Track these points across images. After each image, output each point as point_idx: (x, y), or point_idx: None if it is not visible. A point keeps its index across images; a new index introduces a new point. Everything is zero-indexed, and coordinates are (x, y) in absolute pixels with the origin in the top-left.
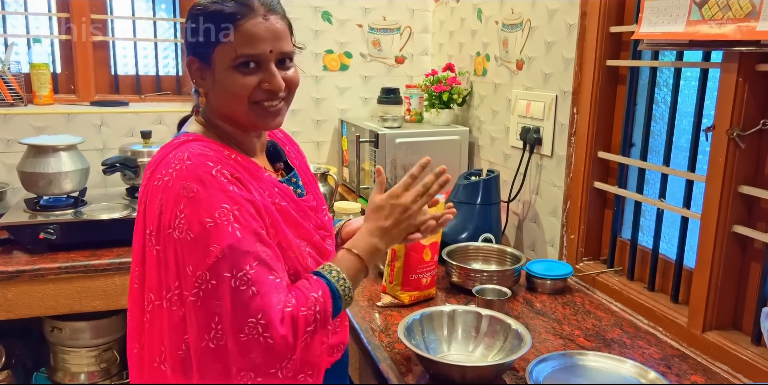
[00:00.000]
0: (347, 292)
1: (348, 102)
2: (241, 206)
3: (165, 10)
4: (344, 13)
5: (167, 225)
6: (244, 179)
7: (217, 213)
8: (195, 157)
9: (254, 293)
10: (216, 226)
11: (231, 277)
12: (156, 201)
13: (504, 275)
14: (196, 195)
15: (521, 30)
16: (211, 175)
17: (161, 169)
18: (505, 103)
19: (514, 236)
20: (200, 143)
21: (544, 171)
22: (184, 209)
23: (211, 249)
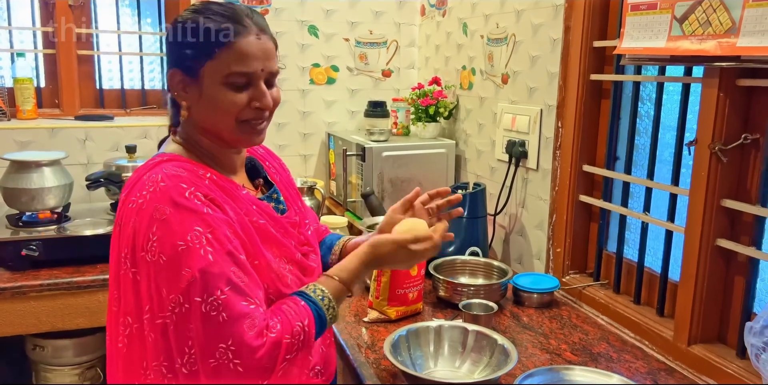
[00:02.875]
0: (333, 319)
1: (335, 115)
2: (215, 229)
3: (150, 23)
4: (331, 27)
5: (140, 248)
6: (219, 200)
7: (189, 236)
8: (168, 179)
9: (224, 318)
10: (188, 249)
11: (201, 302)
12: (130, 223)
13: (491, 289)
14: (168, 218)
15: (506, 44)
16: (184, 197)
17: (135, 192)
18: (491, 117)
19: (501, 250)
20: (174, 163)
21: (530, 184)
22: (156, 232)
23: (183, 273)
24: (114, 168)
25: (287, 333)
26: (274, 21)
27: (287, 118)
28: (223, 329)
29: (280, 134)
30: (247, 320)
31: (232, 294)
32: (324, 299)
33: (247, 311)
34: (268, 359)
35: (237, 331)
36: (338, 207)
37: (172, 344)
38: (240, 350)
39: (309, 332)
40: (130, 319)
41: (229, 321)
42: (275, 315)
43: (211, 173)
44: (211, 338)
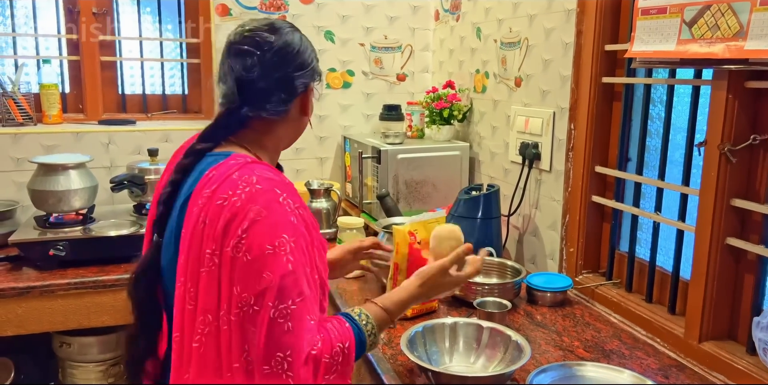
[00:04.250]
0: (372, 345)
1: (350, 119)
2: (298, 238)
3: (171, 30)
4: (346, 32)
5: (228, 244)
6: (303, 207)
7: (277, 241)
8: (264, 182)
9: (289, 328)
10: (274, 254)
11: (272, 307)
12: (220, 221)
13: (505, 288)
14: (262, 220)
15: (519, 48)
16: (278, 202)
17: (226, 190)
18: (504, 120)
19: (514, 250)
20: (263, 167)
21: (543, 185)
22: (248, 230)
23: (264, 275)
24: (137, 171)
25: (326, 352)
26: None
27: None
28: (286, 339)
29: None
30: (309, 335)
31: (302, 306)
32: (368, 325)
33: (310, 326)
34: (312, 377)
35: (298, 344)
36: (354, 209)
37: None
38: (294, 363)
39: (349, 355)
40: (210, 317)
41: (294, 332)
42: (319, 332)
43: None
44: (272, 344)
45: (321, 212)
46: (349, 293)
